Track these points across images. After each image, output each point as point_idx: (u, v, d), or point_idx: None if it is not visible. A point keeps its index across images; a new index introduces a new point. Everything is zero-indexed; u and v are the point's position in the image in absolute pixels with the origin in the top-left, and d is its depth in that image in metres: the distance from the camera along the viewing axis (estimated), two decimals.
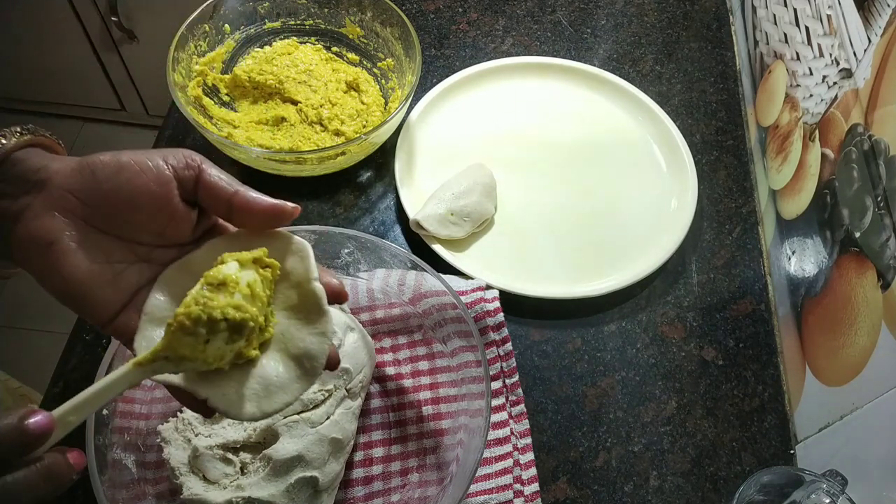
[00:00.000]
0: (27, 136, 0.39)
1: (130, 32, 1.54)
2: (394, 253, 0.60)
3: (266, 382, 0.38)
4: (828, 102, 0.66)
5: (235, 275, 0.36)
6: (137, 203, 0.37)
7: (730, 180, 0.80)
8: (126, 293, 0.38)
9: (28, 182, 0.37)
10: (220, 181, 0.39)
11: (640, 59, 0.90)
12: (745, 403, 0.66)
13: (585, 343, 0.68)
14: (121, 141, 1.86)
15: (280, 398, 0.38)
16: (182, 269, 0.39)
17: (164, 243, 0.40)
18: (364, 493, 0.57)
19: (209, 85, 0.78)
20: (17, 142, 0.38)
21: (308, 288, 0.39)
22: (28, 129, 0.39)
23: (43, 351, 1.46)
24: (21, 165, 0.38)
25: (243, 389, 0.37)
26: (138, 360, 0.35)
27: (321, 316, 0.39)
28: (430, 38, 0.89)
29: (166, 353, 0.35)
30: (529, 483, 0.59)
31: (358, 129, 0.77)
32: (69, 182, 0.37)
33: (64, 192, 0.37)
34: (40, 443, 0.31)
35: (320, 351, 0.39)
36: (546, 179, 0.78)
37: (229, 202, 0.38)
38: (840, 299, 0.59)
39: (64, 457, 0.32)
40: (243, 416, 0.37)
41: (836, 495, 0.49)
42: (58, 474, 0.31)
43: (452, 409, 0.60)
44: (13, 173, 0.37)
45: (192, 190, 0.39)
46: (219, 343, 0.35)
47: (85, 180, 0.37)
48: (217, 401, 0.37)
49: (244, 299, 0.36)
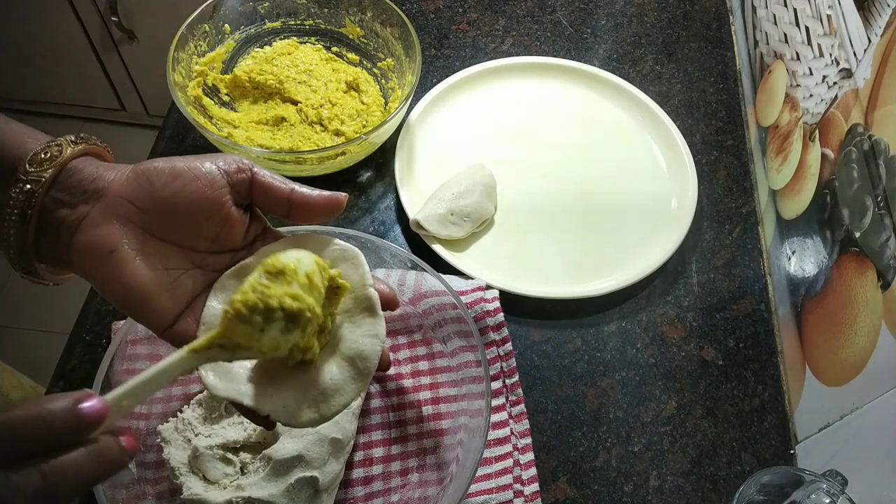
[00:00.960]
0: (81, 144, 0.39)
1: (130, 32, 1.54)
2: (394, 253, 0.60)
3: (322, 387, 0.38)
4: (828, 102, 0.66)
5: (294, 264, 0.36)
6: (193, 209, 0.38)
7: (730, 180, 0.80)
8: (183, 300, 0.39)
9: (86, 191, 0.38)
10: (275, 181, 0.40)
11: (640, 59, 0.90)
12: (745, 403, 0.66)
13: (585, 343, 0.68)
14: (121, 141, 1.86)
15: (337, 401, 0.38)
16: (237, 275, 0.40)
17: (218, 249, 0.40)
18: (364, 493, 0.57)
19: (209, 85, 0.78)
20: (73, 151, 0.38)
21: (362, 293, 0.40)
22: (81, 138, 0.40)
23: (43, 351, 1.46)
24: (77, 175, 0.38)
25: (301, 397, 0.38)
26: (193, 346, 0.35)
27: (375, 319, 0.40)
28: (430, 38, 0.89)
29: (221, 340, 0.35)
30: (529, 483, 0.59)
31: (358, 129, 0.77)
32: (126, 190, 0.38)
33: (122, 200, 0.38)
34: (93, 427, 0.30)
35: (373, 352, 0.39)
36: (546, 179, 0.78)
37: (288, 200, 0.39)
38: (840, 299, 0.59)
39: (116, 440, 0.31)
40: (303, 423, 0.38)
41: (836, 495, 0.49)
42: (109, 458, 0.31)
43: (452, 409, 0.60)
44: (70, 183, 0.38)
45: (246, 193, 0.40)
46: (274, 332, 0.35)
47: (141, 188, 0.38)
48: (278, 415, 0.37)
49: (302, 289, 0.36)
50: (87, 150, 0.40)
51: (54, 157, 0.38)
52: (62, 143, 0.39)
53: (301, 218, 0.41)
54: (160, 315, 0.38)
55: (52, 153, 0.38)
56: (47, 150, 0.38)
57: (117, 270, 0.37)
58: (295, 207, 0.40)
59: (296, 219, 0.41)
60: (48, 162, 0.38)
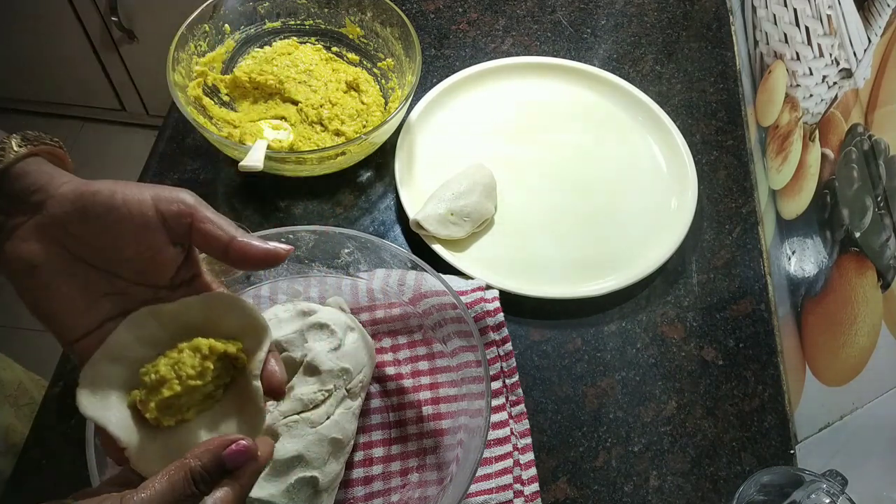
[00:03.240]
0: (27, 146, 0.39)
1: (130, 32, 1.54)
2: (394, 253, 0.60)
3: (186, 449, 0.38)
4: (828, 102, 0.66)
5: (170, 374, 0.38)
6: (121, 245, 0.38)
7: (730, 180, 0.80)
8: (95, 321, 0.39)
9: (25, 203, 0.38)
10: (215, 230, 0.39)
11: (640, 59, 0.90)
12: (745, 403, 0.66)
13: (585, 343, 0.68)
14: (121, 141, 1.86)
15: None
16: (153, 314, 0.40)
17: (142, 282, 0.40)
18: (364, 493, 0.57)
19: (209, 85, 0.78)
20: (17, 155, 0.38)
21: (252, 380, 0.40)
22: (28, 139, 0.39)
23: (43, 351, 1.46)
24: (21, 181, 0.38)
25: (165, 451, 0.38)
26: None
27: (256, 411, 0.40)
28: (430, 38, 0.89)
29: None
30: (529, 483, 0.59)
31: (358, 129, 0.77)
32: (62, 211, 0.37)
33: (55, 221, 0.37)
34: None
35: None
36: (546, 179, 0.78)
37: (225, 249, 0.39)
38: (840, 299, 0.59)
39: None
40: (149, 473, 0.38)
41: (836, 495, 0.49)
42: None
43: (452, 409, 0.60)
44: (12, 190, 0.38)
45: (184, 236, 0.39)
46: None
47: (77, 213, 0.37)
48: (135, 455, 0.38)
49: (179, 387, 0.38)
50: (34, 151, 0.39)
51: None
52: (6, 146, 0.38)
53: (238, 266, 0.41)
54: (68, 331, 0.39)
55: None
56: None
57: (36, 286, 0.37)
58: (231, 257, 0.40)
59: (233, 265, 0.41)
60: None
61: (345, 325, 0.58)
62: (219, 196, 0.74)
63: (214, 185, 0.75)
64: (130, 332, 0.40)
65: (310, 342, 0.56)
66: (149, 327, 0.40)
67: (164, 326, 0.40)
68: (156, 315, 0.40)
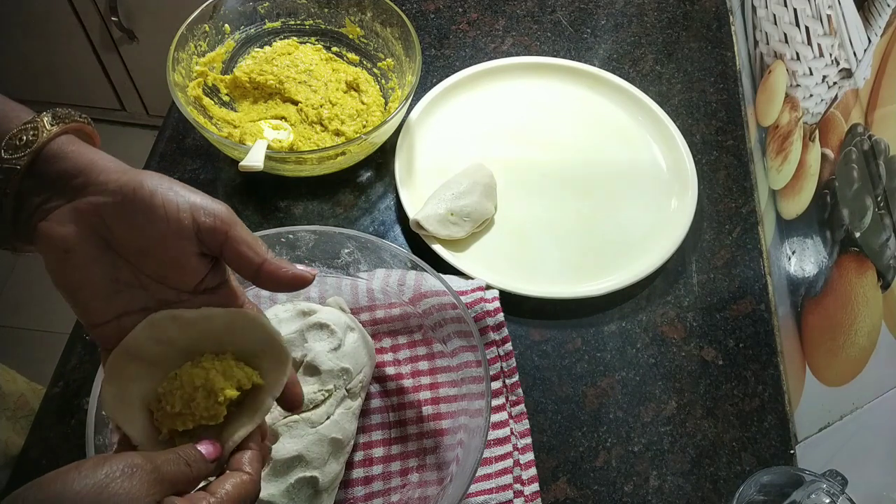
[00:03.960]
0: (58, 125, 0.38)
1: (130, 32, 1.54)
2: (394, 253, 0.60)
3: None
4: (828, 102, 0.66)
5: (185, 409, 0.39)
6: (152, 244, 0.38)
7: (730, 180, 0.80)
8: (118, 310, 0.39)
9: (65, 186, 0.38)
10: (248, 252, 0.39)
11: (640, 59, 0.90)
12: (745, 403, 0.66)
13: (585, 343, 0.68)
14: (121, 141, 1.86)
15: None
16: (174, 318, 0.40)
17: (167, 283, 0.40)
18: (364, 493, 0.57)
19: (209, 85, 0.78)
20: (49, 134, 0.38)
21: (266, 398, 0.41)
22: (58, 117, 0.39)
23: (43, 351, 1.46)
24: (60, 164, 0.38)
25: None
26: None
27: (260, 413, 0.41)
28: (430, 38, 0.89)
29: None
30: (529, 483, 0.59)
31: (358, 129, 0.77)
32: (102, 201, 0.37)
33: (94, 209, 0.37)
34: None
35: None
36: (546, 179, 0.78)
37: (256, 271, 0.40)
38: (840, 299, 0.59)
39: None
40: None
41: (836, 495, 0.49)
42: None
43: (452, 409, 0.60)
44: (50, 172, 0.38)
45: (216, 250, 0.39)
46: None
47: (115, 206, 0.37)
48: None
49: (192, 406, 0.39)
50: (66, 129, 0.39)
51: (30, 143, 0.37)
52: (38, 124, 0.38)
53: (266, 288, 0.41)
54: (92, 315, 0.39)
55: (28, 138, 0.37)
56: (22, 135, 0.37)
57: (68, 268, 0.38)
58: (262, 280, 0.40)
59: (261, 287, 0.41)
60: (23, 148, 0.37)
61: (345, 325, 0.58)
62: (219, 196, 0.73)
63: (214, 185, 0.75)
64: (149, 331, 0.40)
65: (310, 342, 0.56)
66: (168, 329, 0.40)
67: (185, 329, 0.40)
68: (176, 318, 0.40)
